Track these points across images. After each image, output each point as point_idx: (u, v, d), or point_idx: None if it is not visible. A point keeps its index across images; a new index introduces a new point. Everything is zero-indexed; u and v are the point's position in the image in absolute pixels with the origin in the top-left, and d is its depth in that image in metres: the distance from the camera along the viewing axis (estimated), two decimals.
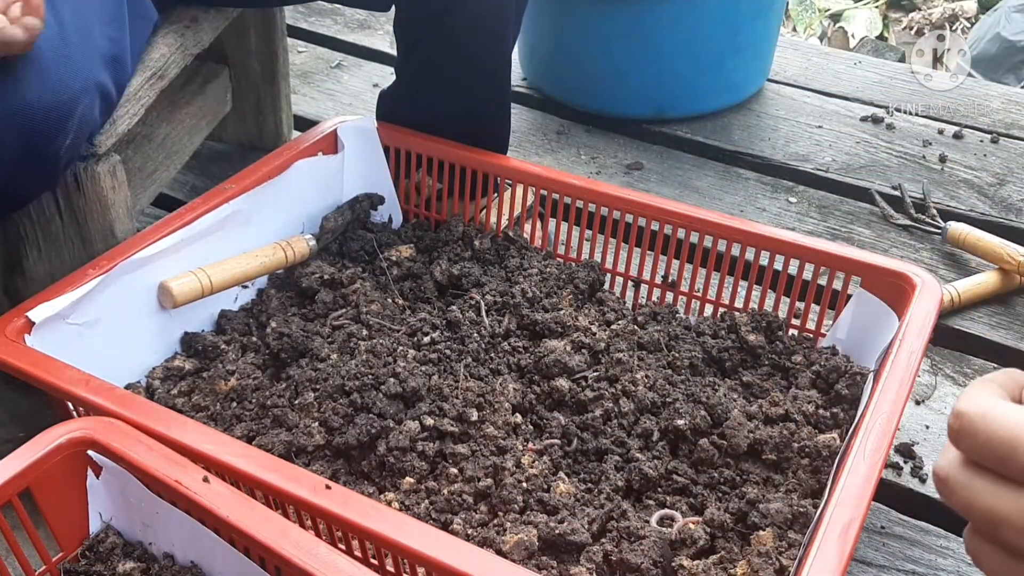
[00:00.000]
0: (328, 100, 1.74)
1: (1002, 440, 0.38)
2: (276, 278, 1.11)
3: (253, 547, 0.67)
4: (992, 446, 0.38)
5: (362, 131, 1.18)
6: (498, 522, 0.78)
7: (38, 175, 0.87)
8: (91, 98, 0.86)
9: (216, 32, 1.20)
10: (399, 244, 1.15)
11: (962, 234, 1.30)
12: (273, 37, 1.44)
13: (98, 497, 0.78)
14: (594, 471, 0.86)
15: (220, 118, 1.43)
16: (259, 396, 0.92)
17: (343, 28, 1.99)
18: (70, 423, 0.76)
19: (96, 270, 0.92)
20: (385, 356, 0.92)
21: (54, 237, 0.98)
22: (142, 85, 1.02)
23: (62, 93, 0.82)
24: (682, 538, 0.75)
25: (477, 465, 0.83)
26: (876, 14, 2.30)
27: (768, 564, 0.72)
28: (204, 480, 0.70)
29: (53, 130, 0.82)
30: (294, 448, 0.85)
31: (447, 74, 1.17)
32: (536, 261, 1.10)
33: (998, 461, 0.38)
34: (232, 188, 1.05)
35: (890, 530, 0.96)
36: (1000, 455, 0.38)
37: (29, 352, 0.83)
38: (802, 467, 0.84)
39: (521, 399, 0.92)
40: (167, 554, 0.76)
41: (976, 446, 0.39)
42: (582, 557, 0.76)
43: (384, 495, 0.82)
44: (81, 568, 0.77)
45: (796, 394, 0.91)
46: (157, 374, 0.97)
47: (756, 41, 1.63)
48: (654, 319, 1.03)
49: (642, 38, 1.55)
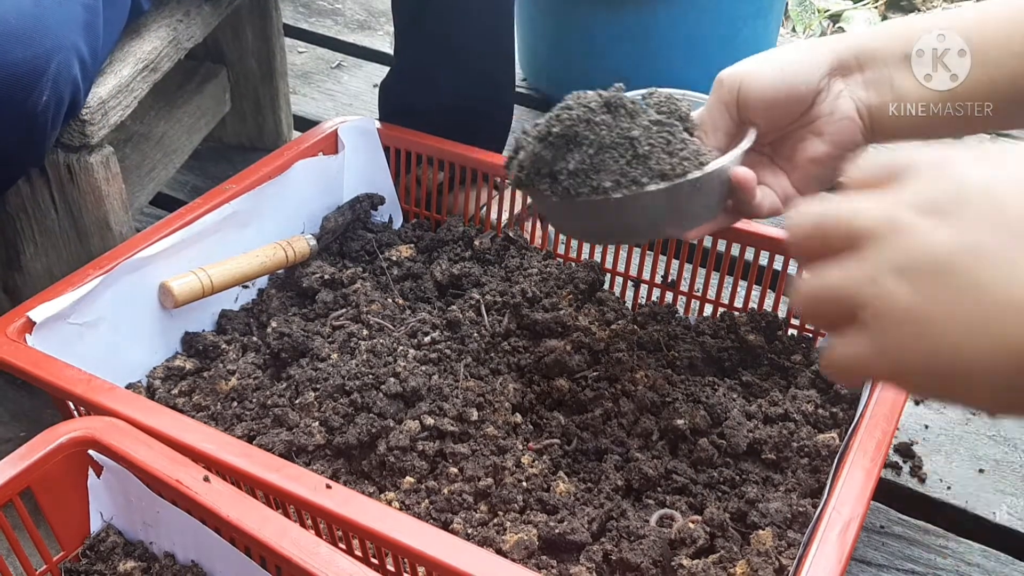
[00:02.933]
0: (328, 100, 1.74)
1: (813, 227, 0.41)
2: (276, 278, 1.11)
3: (254, 546, 0.67)
4: (812, 236, 0.41)
5: (362, 131, 1.18)
6: (498, 522, 0.78)
7: (21, 139, 0.87)
8: (66, 55, 0.87)
9: (210, 27, 1.20)
10: (399, 244, 1.15)
11: None
12: (270, 36, 1.44)
13: (99, 496, 0.78)
14: (594, 471, 0.86)
15: (219, 118, 1.43)
16: (260, 396, 0.92)
17: (343, 28, 1.99)
18: (71, 422, 0.76)
19: (97, 270, 0.92)
20: (385, 356, 0.92)
21: (50, 231, 0.99)
22: (134, 77, 1.02)
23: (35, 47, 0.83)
24: (682, 537, 0.75)
25: (477, 465, 0.83)
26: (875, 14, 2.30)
27: (767, 563, 0.72)
28: (205, 479, 0.70)
29: (28, 83, 0.83)
30: (294, 448, 0.85)
31: (447, 49, 1.17)
32: (536, 261, 1.10)
33: (822, 245, 0.40)
34: (232, 188, 1.05)
35: (889, 529, 0.96)
36: (821, 239, 0.40)
37: (30, 352, 0.83)
38: (801, 466, 0.84)
39: (521, 399, 0.92)
40: (168, 553, 0.76)
41: (802, 248, 0.41)
42: (582, 556, 0.76)
43: (384, 495, 0.82)
44: (82, 567, 0.78)
45: (795, 394, 0.91)
46: (158, 374, 0.97)
47: (756, 41, 1.63)
48: (654, 319, 1.03)
49: (642, 38, 1.55)
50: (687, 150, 0.74)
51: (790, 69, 0.74)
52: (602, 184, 0.72)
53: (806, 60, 0.73)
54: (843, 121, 0.73)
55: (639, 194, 0.72)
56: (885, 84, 0.72)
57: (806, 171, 0.77)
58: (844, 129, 0.73)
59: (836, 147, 0.74)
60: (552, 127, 0.74)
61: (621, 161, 0.72)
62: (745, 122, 0.77)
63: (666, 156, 0.73)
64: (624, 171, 0.72)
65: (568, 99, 0.75)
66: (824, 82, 0.73)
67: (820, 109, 0.74)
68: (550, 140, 0.74)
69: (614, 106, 0.74)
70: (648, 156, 0.73)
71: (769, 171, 0.79)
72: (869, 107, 0.72)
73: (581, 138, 0.73)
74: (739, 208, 0.79)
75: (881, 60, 0.72)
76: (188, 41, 1.13)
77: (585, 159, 0.73)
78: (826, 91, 0.73)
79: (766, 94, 0.74)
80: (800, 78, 0.73)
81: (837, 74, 0.73)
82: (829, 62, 0.73)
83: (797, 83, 0.73)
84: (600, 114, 0.73)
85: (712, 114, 0.78)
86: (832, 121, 0.74)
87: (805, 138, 0.76)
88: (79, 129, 0.94)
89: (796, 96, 0.74)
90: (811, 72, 0.73)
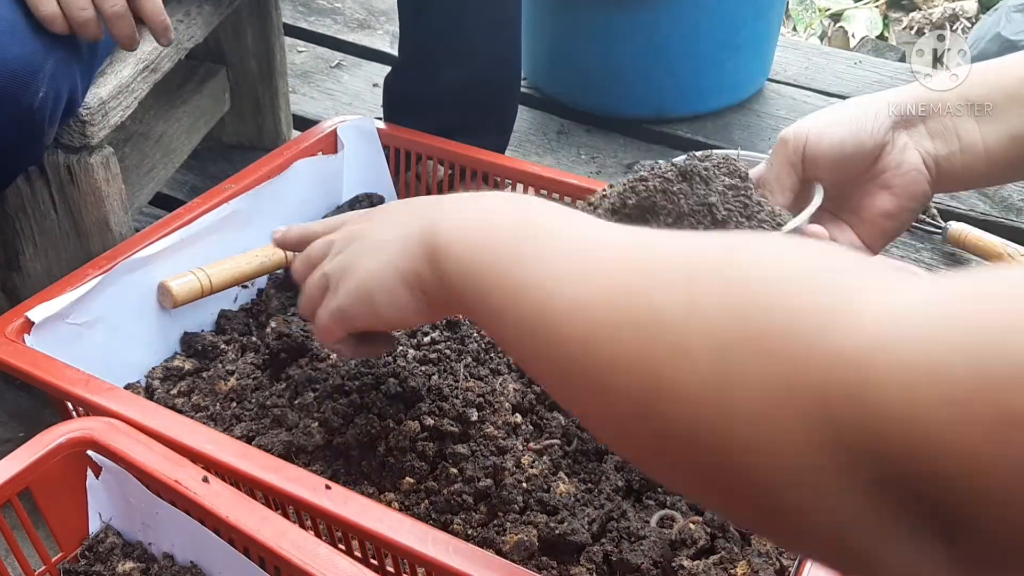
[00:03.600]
0: (328, 100, 1.74)
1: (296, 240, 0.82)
2: (276, 278, 1.10)
3: (253, 547, 0.67)
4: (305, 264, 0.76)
5: (362, 131, 1.18)
6: (498, 522, 0.78)
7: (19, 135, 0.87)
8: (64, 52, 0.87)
9: (210, 27, 1.20)
10: None
11: (963, 234, 1.30)
12: (270, 35, 1.44)
13: (98, 497, 0.78)
14: (594, 471, 0.86)
15: (218, 117, 1.43)
16: (259, 396, 0.92)
17: (343, 28, 1.99)
18: (70, 423, 0.76)
19: (96, 270, 0.92)
20: (385, 356, 0.92)
21: (49, 231, 0.98)
22: (135, 77, 1.02)
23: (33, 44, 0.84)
24: (682, 538, 0.75)
25: (477, 465, 0.83)
26: (876, 14, 2.30)
27: (768, 564, 0.72)
28: (204, 480, 0.70)
29: (25, 79, 0.83)
30: (294, 448, 0.85)
31: (451, 43, 1.16)
32: None
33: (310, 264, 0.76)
34: (232, 188, 1.05)
35: None
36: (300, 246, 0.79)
37: (29, 352, 0.83)
38: None
39: (521, 399, 0.92)
40: (167, 554, 0.76)
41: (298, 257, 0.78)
42: (582, 557, 0.76)
43: (384, 495, 0.82)
44: (81, 568, 0.77)
45: None
46: (157, 374, 0.97)
47: (756, 41, 1.63)
48: None
49: (642, 38, 1.54)
50: (763, 212, 0.74)
51: (856, 126, 0.74)
52: None
53: (871, 115, 0.74)
54: (911, 173, 0.74)
55: None
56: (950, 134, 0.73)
57: (875, 224, 0.77)
58: (912, 181, 0.74)
59: (904, 199, 0.75)
60: (628, 199, 0.74)
61: (700, 228, 0.72)
62: (811, 179, 0.78)
63: (744, 220, 0.73)
64: None
65: (642, 170, 0.75)
66: (889, 135, 0.74)
67: (887, 163, 0.75)
68: (625, 212, 0.74)
69: (689, 175, 0.74)
70: (727, 221, 0.73)
71: (835, 226, 0.80)
72: (936, 157, 0.73)
73: (659, 208, 0.73)
74: None
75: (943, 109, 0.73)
76: (188, 41, 1.13)
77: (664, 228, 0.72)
78: (891, 144, 0.74)
79: (834, 151, 0.75)
80: (866, 133, 0.74)
81: (901, 127, 0.74)
82: (892, 115, 0.74)
83: (863, 138, 0.74)
84: (677, 183, 0.73)
85: (778, 173, 0.79)
86: (899, 174, 0.74)
87: (872, 192, 0.77)
88: (79, 130, 0.94)
89: (863, 151, 0.74)
90: (876, 126, 0.74)
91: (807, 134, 0.77)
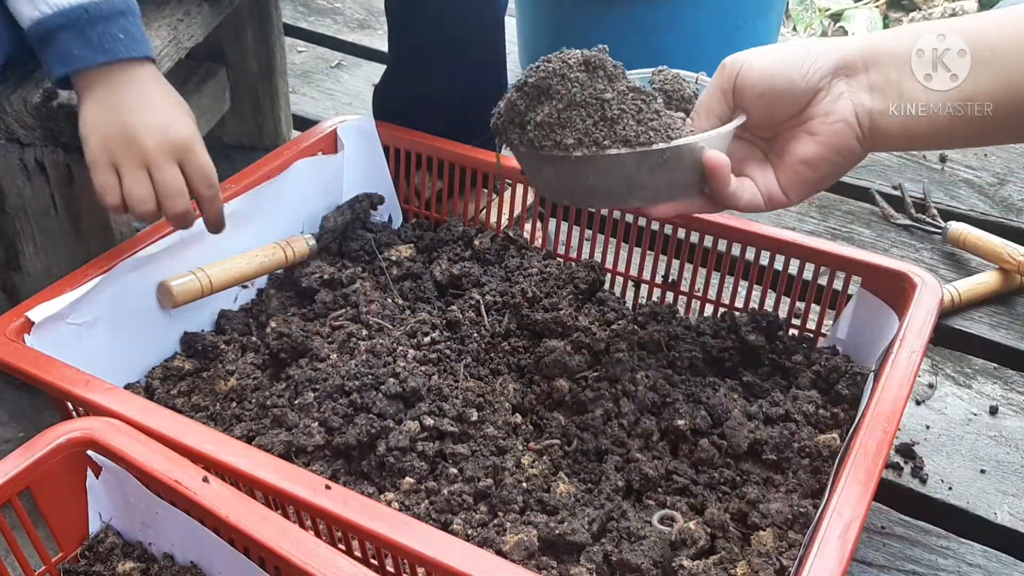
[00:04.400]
0: (328, 100, 1.74)
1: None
2: (276, 278, 1.10)
3: (253, 547, 0.67)
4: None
5: (362, 131, 1.18)
6: (498, 522, 0.78)
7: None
8: None
9: (210, 27, 1.20)
10: (399, 244, 1.15)
11: (962, 234, 1.30)
12: (270, 35, 1.44)
13: (98, 497, 0.78)
14: (594, 471, 0.86)
15: (219, 117, 1.43)
16: (259, 396, 0.92)
17: (343, 28, 1.99)
18: (70, 423, 0.76)
19: (96, 270, 0.92)
20: (385, 356, 0.92)
21: (49, 231, 0.98)
22: None
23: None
24: (682, 538, 0.75)
25: (477, 465, 0.83)
26: (876, 14, 2.30)
27: (768, 564, 0.72)
28: (204, 480, 0.70)
29: None
30: (294, 448, 0.85)
31: (438, 52, 1.17)
32: (536, 261, 1.10)
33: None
34: (232, 188, 1.05)
35: (890, 530, 0.96)
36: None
37: (29, 352, 0.83)
38: (802, 467, 0.84)
39: (521, 399, 0.92)
40: (167, 554, 0.76)
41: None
42: (582, 557, 0.76)
43: (384, 495, 0.82)
44: (81, 568, 0.77)
45: (796, 394, 0.91)
46: (157, 374, 0.97)
47: (756, 41, 1.62)
48: (654, 319, 1.03)
49: (642, 38, 1.54)
50: (658, 122, 0.73)
51: (792, 61, 0.72)
52: (564, 140, 0.72)
53: (811, 56, 0.71)
54: (838, 124, 0.71)
55: (599, 156, 0.72)
56: (892, 88, 0.69)
57: (795, 171, 0.75)
58: (838, 132, 0.71)
59: (828, 150, 0.72)
60: (529, 77, 0.74)
61: (588, 121, 0.72)
62: (740, 110, 0.76)
63: (634, 123, 0.72)
64: (588, 131, 0.72)
65: (554, 53, 0.75)
66: (825, 81, 0.71)
67: (817, 109, 0.72)
68: (525, 90, 0.74)
69: (593, 66, 0.74)
70: (616, 120, 0.72)
71: (758, 165, 0.77)
72: (871, 112, 0.70)
73: (553, 91, 0.73)
74: (713, 195, 0.76)
75: (888, 62, 0.70)
76: (188, 41, 1.13)
77: (553, 113, 0.73)
78: (826, 91, 0.71)
79: (764, 84, 0.73)
80: (799, 72, 0.71)
81: (841, 74, 0.71)
82: (834, 61, 0.71)
83: (794, 77, 0.71)
84: (576, 71, 0.73)
85: (708, 98, 0.77)
86: (827, 123, 0.71)
87: (798, 137, 0.74)
88: None
89: (793, 90, 0.72)
90: (812, 68, 0.71)
91: (743, 63, 0.74)
